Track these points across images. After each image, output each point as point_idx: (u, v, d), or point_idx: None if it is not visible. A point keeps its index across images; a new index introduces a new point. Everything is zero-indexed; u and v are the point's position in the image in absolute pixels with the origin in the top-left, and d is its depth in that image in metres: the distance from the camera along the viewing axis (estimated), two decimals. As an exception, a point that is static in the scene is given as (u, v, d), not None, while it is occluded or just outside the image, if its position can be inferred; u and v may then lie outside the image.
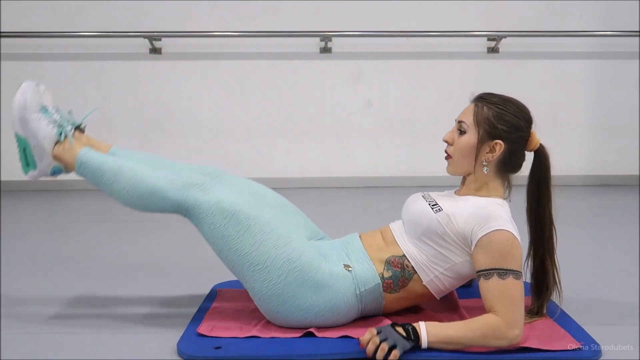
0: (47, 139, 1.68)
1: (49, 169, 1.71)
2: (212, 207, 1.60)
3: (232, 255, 1.61)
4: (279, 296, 1.59)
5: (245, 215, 1.60)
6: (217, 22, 4.15)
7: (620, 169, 4.40)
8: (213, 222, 1.60)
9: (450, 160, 1.73)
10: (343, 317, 1.65)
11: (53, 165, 1.71)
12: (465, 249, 1.62)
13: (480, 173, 1.69)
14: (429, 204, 1.68)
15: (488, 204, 1.62)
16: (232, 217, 1.60)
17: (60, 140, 1.70)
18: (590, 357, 1.51)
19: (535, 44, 4.26)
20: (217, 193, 1.63)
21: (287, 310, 1.61)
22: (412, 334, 1.48)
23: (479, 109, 1.67)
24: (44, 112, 1.71)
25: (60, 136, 1.70)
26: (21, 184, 4.22)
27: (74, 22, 4.12)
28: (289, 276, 1.59)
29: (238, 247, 1.60)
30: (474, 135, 1.67)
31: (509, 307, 1.50)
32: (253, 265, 1.59)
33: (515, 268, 1.54)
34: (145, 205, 1.68)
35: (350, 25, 4.16)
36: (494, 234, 1.55)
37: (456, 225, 1.60)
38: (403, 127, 4.33)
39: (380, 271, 1.66)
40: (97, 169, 1.69)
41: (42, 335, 1.69)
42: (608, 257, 2.55)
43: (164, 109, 4.27)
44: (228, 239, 1.60)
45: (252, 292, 1.63)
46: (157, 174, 1.67)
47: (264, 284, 1.60)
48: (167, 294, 2.02)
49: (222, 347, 1.55)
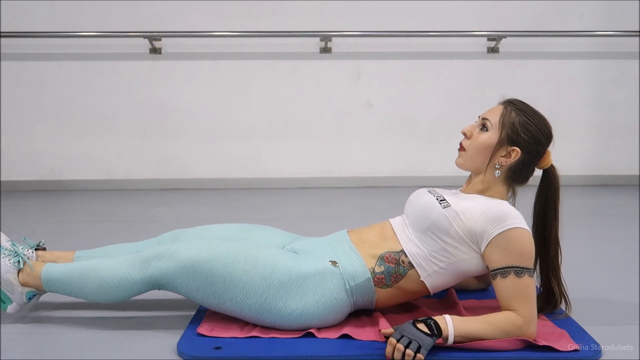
0: (8, 272, 1.73)
1: (24, 297, 1.75)
2: (176, 270, 1.64)
3: (214, 300, 1.64)
4: (270, 311, 1.61)
5: (204, 261, 1.63)
6: (217, 22, 4.15)
7: (620, 169, 4.40)
8: (182, 281, 1.64)
9: (463, 153, 1.73)
10: (339, 314, 1.65)
11: (25, 292, 1.74)
12: (472, 247, 1.61)
13: (491, 175, 1.70)
14: (436, 199, 1.68)
15: (499, 203, 1.63)
16: (194, 269, 1.63)
17: (21, 268, 1.74)
18: (590, 357, 1.51)
19: (535, 44, 4.26)
20: (174, 256, 1.65)
21: (282, 319, 1.62)
22: (435, 329, 1.48)
23: (507, 112, 1.68)
24: (1, 250, 1.75)
25: (19, 264, 1.74)
26: (21, 184, 4.22)
27: (73, 22, 4.12)
28: (271, 290, 1.61)
29: (214, 291, 1.63)
30: (495, 135, 1.67)
31: (527, 304, 1.53)
32: (234, 298, 1.62)
33: (530, 266, 1.56)
34: (119, 296, 1.70)
35: (350, 25, 4.16)
36: (511, 231, 1.56)
37: (464, 223, 1.60)
38: (403, 127, 4.33)
39: (371, 266, 1.66)
40: (62, 280, 1.72)
41: (42, 335, 1.69)
42: (608, 257, 2.55)
43: (164, 109, 4.27)
44: (202, 289, 1.63)
45: (248, 317, 1.65)
46: (117, 263, 1.70)
47: (252, 308, 1.62)
48: (167, 294, 2.02)
49: (222, 347, 1.55)
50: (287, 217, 2.05)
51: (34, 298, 1.77)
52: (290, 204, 3.81)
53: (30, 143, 4.25)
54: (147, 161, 4.30)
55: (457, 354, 1.49)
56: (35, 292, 1.75)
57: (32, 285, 1.74)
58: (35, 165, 4.27)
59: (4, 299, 1.74)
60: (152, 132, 4.29)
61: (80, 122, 4.24)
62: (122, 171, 4.30)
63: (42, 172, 4.27)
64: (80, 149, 4.25)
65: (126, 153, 4.29)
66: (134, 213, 3.57)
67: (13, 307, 1.74)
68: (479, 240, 1.60)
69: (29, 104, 4.22)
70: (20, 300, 1.74)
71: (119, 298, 1.70)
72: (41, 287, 1.74)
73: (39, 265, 1.74)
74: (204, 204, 3.83)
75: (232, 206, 3.72)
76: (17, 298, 1.73)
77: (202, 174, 4.30)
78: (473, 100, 4.08)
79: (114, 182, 4.25)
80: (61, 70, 4.20)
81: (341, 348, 1.54)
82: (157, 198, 3.97)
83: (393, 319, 1.70)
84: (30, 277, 1.73)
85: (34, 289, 1.74)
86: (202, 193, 4.13)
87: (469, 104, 4.04)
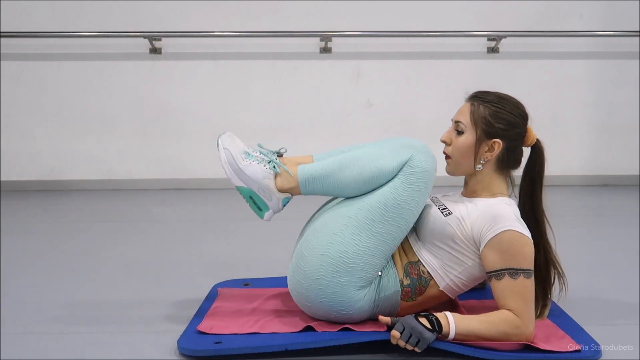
0: (266, 178, 1.70)
1: (280, 203, 1.72)
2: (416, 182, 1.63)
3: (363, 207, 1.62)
4: (334, 273, 1.60)
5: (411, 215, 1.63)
6: (217, 22, 4.15)
7: (620, 169, 4.39)
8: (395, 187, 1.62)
9: (450, 161, 1.73)
10: (356, 318, 1.65)
11: (282, 198, 1.72)
12: (475, 251, 1.62)
13: (481, 173, 1.69)
14: (438, 208, 1.68)
15: (496, 204, 1.63)
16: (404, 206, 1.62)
17: (278, 172, 1.71)
18: (590, 357, 1.51)
19: (535, 44, 4.26)
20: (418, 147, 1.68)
21: (321, 291, 1.61)
22: (436, 325, 1.49)
23: (475, 108, 1.68)
24: (249, 156, 1.73)
25: (275, 169, 1.71)
26: (21, 184, 4.22)
27: (73, 22, 4.12)
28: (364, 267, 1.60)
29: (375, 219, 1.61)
30: (471, 135, 1.67)
31: (523, 305, 1.53)
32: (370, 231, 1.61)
33: (525, 267, 1.55)
34: (375, 187, 1.66)
35: (350, 25, 4.16)
36: (503, 234, 1.56)
37: (466, 228, 1.61)
38: (403, 127, 4.32)
39: (400, 277, 1.66)
40: (320, 177, 1.69)
41: (42, 335, 1.69)
42: (608, 257, 2.55)
43: (164, 109, 4.27)
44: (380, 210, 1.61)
45: (316, 250, 1.63)
46: (370, 152, 1.69)
47: (342, 246, 1.60)
48: (168, 294, 2.02)
49: (222, 341, 1.56)
50: (287, 217, 2.05)
51: (286, 204, 1.74)
52: (290, 204, 3.79)
53: (30, 143, 4.25)
54: (147, 161, 4.30)
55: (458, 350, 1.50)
56: (289, 197, 1.72)
57: (287, 190, 1.71)
58: (35, 165, 4.27)
59: (261, 206, 1.70)
60: (152, 132, 4.29)
61: (80, 122, 4.24)
62: (122, 171, 4.30)
63: (42, 172, 4.27)
64: (80, 149, 4.25)
65: (126, 153, 4.28)
66: (134, 213, 3.57)
67: (269, 214, 1.72)
68: (478, 244, 1.60)
69: (29, 104, 4.22)
70: (276, 207, 1.71)
71: (376, 187, 1.65)
72: (297, 191, 1.70)
73: (292, 169, 1.71)
74: (204, 204, 3.83)
75: (232, 206, 3.72)
76: (273, 205, 1.71)
77: (202, 174, 4.30)
78: (473, 100, 4.08)
79: (114, 182, 4.25)
80: (61, 70, 4.20)
81: (340, 336, 1.57)
82: (157, 198, 3.97)
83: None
84: (287, 181, 1.70)
85: (291, 193, 1.72)
86: (202, 193, 4.12)
87: (469, 104, 4.04)
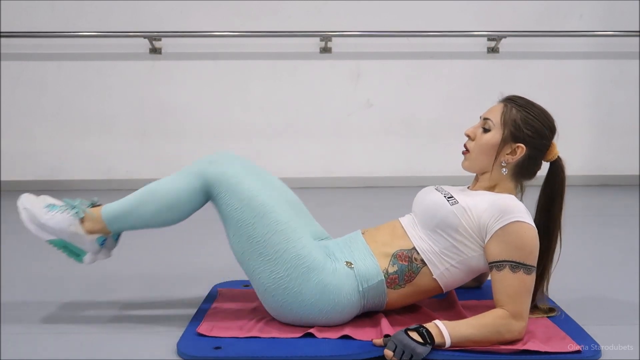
0: (72, 225, 1.69)
1: (96, 244, 1.72)
2: (233, 184, 1.62)
3: (244, 242, 1.62)
4: (285, 290, 1.60)
5: (260, 203, 1.62)
6: (217, 22, 4.15)
7: (620, 169, 4.40)
8: (231, 203, 1.62)
9: (468, 155, 1.72)
10: (346, 315, 1.65)
11: (96, 239, 1.72)
12: (479, 242, 1.61)
13: (498, 173, 1.69)
14: (444, 196, 1.67)
15: (505, 197, 1.62)
16: (249, 203, 1.61)
17: (82, 217, 1.70)
18: (590, 357, 1.50)
19: (535, 44, 4.26)
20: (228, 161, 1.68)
21: (291, 305, 1.61)
22: (428, 338, 1.47)
23: (508, 109, 1.68)
24: (53, 208, 1.72)
25: (78, 214, 1.70)
26: (21, 184, 4.21)
27: (73, 22, 4.12)
28: (296, 271, 1.59)
29: (251, 234, 1.61)
30: (498, 134, 1.67)
31: (516, 299, 1.52)
32: (263, 255, 1.60)
33: (528, 262, 1.54)
34: (181, 211, 1.68)
35: (350, 25, 4.16)
36: (511, 225, 1.55)
37: (471, 218, 1.60)
38: (403, 127, 4.33)
39: (384, 267, 1.65)
40: (122, 213, 1.69)
41: (42, 335, 1.69)
42: (608, 257, 2.55)
43: (163, 109, 4.27)
44: (242, 224, 1.61)
45: (258, 283, 1.63)
46: (170, 179, 1.68)
47: (270, 276, 1.60)
48: (168, 294, 2.02)
49: (222, 347, 1.55)
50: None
51: (106, 242, 1.73)
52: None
53: (31, 143, 4.25)
54: (147, 161, 4.30)
55: (460, 353, 1.49)
56: (104, 236, 1.72)
57: (98, 231, 1.70)
58: (35, 165, 4.27)
59: (78, 252, 1.71)
60: (152, 132, 4.29)
61: (80, 122, 4.25)
62: (122, 171, 4.30)
63: (42, 172, 4.27)
64: (80, 148, 4.25)
65: (126, 153, 4.29)
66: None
67: (88, 256, 1.72)
68: (484, 235, 1.60)
69: (29, 104, 4.22)
70: (93, 248, 1.71)
71: (181, 214, 1.67)
72: (107, 230, 1.70)
73: (97, 210, 1.71)
74: (204, 204, 3.82)
75: (232, 206, 3.72)
76: (89, 247, 1.71)
77: (202, 174, 4.29)
78: (473, 100, 4.07)
79: (114, 182, 4.25)
80: (61, 70, 4.20)
81: (341, 348, 1.54)
82: (157, 198, 3.96)
83: (394, 319, 1.69)
84: (94, 223, 1.70)
85: (101, 234, 1.71)
86: (202, 193, 4.12)
87: (469, 104, 4.04)
